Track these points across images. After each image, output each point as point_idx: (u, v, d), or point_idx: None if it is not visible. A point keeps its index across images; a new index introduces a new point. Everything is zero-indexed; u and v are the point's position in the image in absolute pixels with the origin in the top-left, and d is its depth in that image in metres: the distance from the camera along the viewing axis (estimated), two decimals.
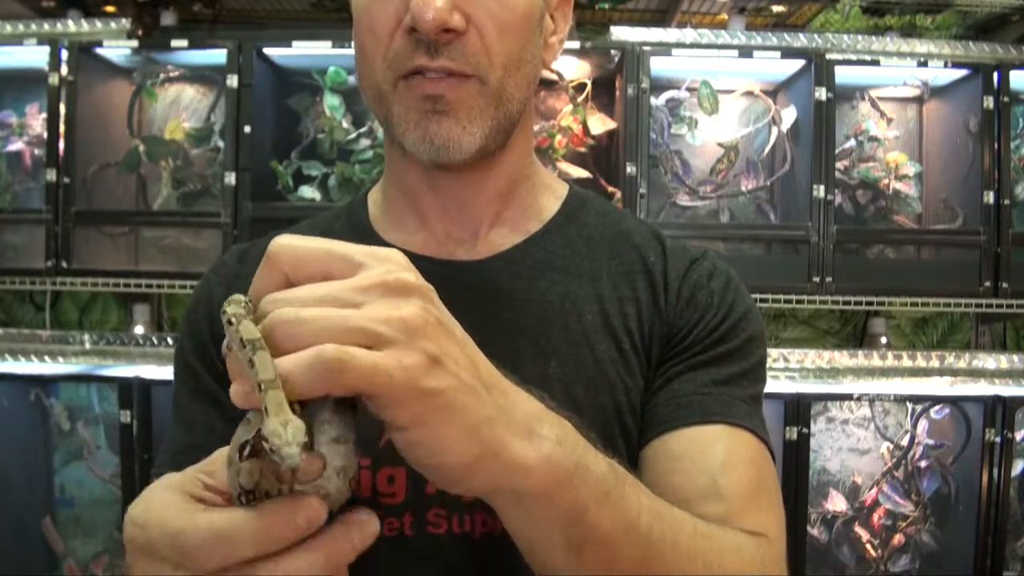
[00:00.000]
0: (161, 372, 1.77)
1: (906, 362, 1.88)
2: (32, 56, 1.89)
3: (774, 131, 1.94)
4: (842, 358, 1.89)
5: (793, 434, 1.69)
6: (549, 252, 0.74)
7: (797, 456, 1.69)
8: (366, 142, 1.88)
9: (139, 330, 2.02)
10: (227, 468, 0.42)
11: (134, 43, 1.89)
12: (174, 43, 1.86)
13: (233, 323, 0.41)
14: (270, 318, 0.42)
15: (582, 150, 1.89)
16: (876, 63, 1.89)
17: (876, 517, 1.81)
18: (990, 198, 1.82)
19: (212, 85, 2.00)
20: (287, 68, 1.93)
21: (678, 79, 1.92)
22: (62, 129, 1.85)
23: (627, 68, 1.82)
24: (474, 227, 0.73)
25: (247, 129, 1.81)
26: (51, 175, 1.85)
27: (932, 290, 1.85)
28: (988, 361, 1.91)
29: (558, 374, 0.68)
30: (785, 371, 1.87)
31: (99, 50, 1.89)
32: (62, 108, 1.85)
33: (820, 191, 1.80)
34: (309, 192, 1.87)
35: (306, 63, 1.89)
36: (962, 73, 1.91)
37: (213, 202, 1.90)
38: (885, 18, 2.04)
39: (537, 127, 1.86)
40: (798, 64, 1.87)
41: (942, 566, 1.80)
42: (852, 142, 1.96)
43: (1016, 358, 1.92)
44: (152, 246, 1.90)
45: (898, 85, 1.99)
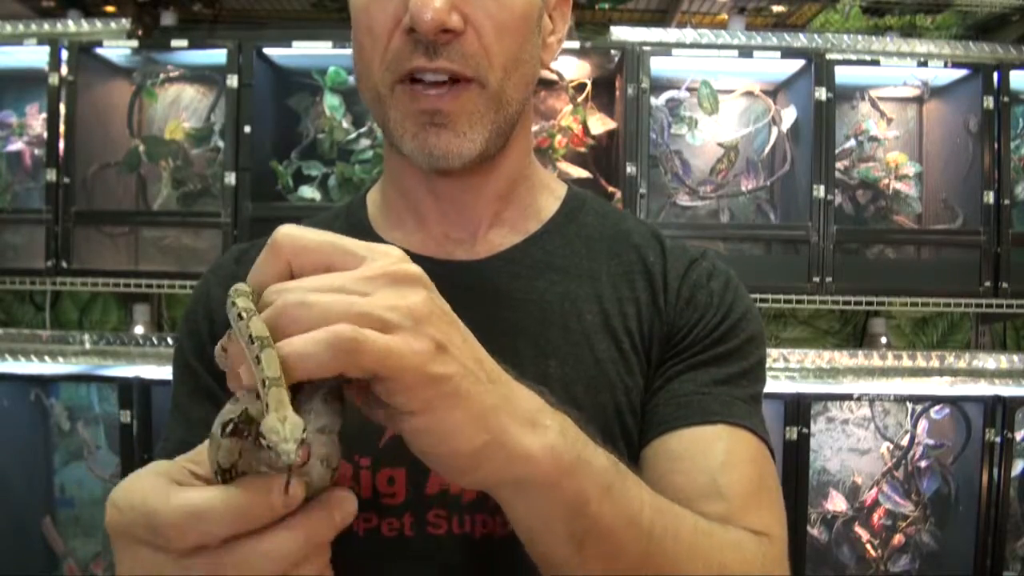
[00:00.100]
0: (161, 372, 1.77)
1: (906, 362, 1.88)
2: (32, 56, 1.89)
3: (774, 131, 1.94)
4: (842, 358, 1.89)
5: (793, 434, 1.69)
6: (548, 252, 0.74)
7: (797, 456, 1.69)
8: (366, 142, 1.88)
9: (139, 330, 2.02)
10: (209, 444, 0.41)
11: (134, 43, 1.89)
12: (174, 43, 1.86)
13: (244, 318, 0.41)
14: (280, 302, 0.42)
15: (582, 150, 1.89)
16: (876, 63, 1.89)
17: (876, 517, 1.81)
18: (990, 198, 1.82)
19: (212, 85, 2.00)
20: (287, 68, 1.94)
21: (678, 79, 1.92)
22: (62, 129, 1.85)
23: (627, 68, 1.82)
24: (473, 228, 0.73)
25: (247, 129, 1.81)
26: (51, 175, 1.85)
27: (932, 290, 1.85)
28: (988, 361, 1.91)
29: (558, 374, 0.68)
30: (785, 371, 1.87)
31: (99, 50, 1.89)
32: (62, 108, 1.85)
33: (820, 191, 1.80)
34: (309, 192, 1.87)
35: (306, 63, 1.89)
36: (962, 73, 1.91)
37: (213, 202, 1.90)
38: (885, 18, 2.04)
39: (537, 127, 1.86)
40: (798, 64, 1.87)
41: (942, 566, 1.80)
42: (852, 142, 1.96)
43: (1016, 358, 1.92)
44: (152, 246, 1.90)
45: (898, 85, 1.99)
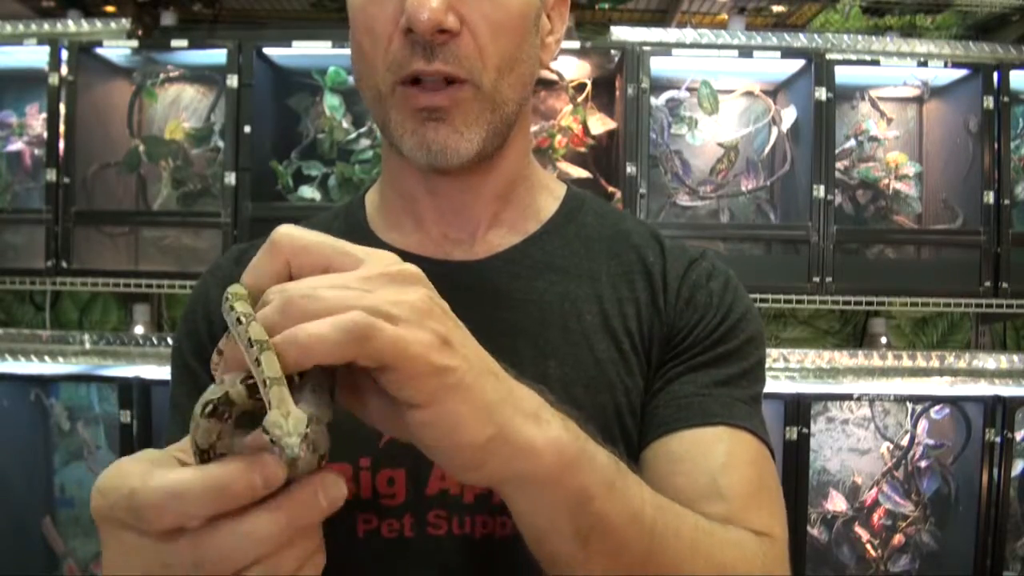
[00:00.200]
0: (161, 372, 1.76)
1: (906, 362, 1.88)
2: (32, 56, 1.89)
3: (774, 131, 1.94)
4: (842, 358, 1.89)
5: (793, 434, 1.68)
6: (548, 252, 0.73)
7: (797, 456, 1.69)
8: (366, 142, 1.88)
9: (139, 330, 2.02)
10: (191, 425, 0.41)
11: (134, 43, 1.89)
12: (174, 43, 1.86)
13: (243, 322, 0.42)
14: (287, 293, 0.42)
15: (582, 150, 1.89)
16: (876, 63, 1.89)
17: (876, 517, 1.81)
18: (990, 198, 1.82)
19: (212, 85, 2.00)
20: (287, 68, 1.93)
21: (678, 79, 1.92)
22: (62, 129, 1.85)
23: (627, 68, 1.82)
24: (472, 229, 0.73)
25: (247, 129, 1.81)
26: (51, 175, 1.85)
27: (932, 290, 1.85)
28: (988, 361, 1.91)
29: (558, 374, 0.68)
30: (785, 371, 1.87)
31: (99, 50, 1.89)
32: (62, 108, 1.85)
33: (820, 191, 1.80)
34: (309, 192, 1.87)
35: (306, 63, 1.89)
36: (962, 73, 1.91)
37: (213, 202, 1.90)
38: (885, 18, 2.04)
39: (537, 127, 1.86)
40: (798, 64, 1.87)
41: (942, 566, 1.80)
42: (852, 142, 1.96)
43: (1016, 358, 1.92)
44: (152, 246, 1.90)
45: (898, 85, 1.99)
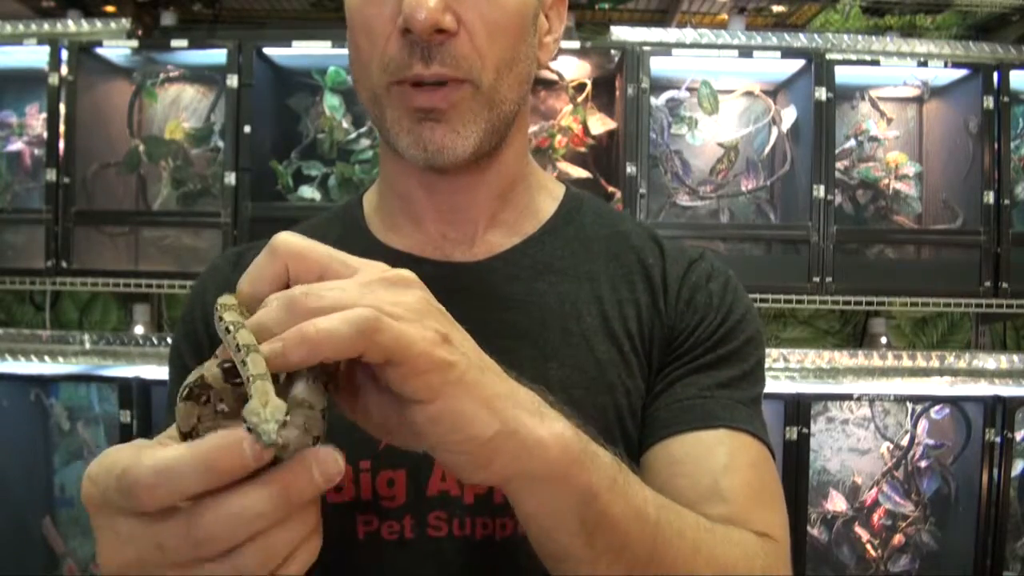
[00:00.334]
0: (161, 372, 1.76)
1: (906, 362, 1.88)
2: (32, 56, 1.89)
3: (774, 131, 1.94)
4: (842, 358, 1.89)
5: (793, 434, 1.68)
6: (547, 253, 0.73)
7: (797, 456, 1.69)
8: (366, 142, 1.88)
9: (139, 330, 2.02)
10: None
11: (134, 43, 1.89)
12: (174, 43, 1.86)
13: (231, 331, 0.43)
14: (290, 293, 0.43)
15: (582, 150, 1.89)
16: (876, 63, 1.89)
17: (876, 517, 1.81)
18: (990, 198, 1.82)
19: (212, 85, 2.00)
20: (287, 68, 1.93)
21: (678, 79, 1.92)
22: (62, 129, 1.85)
23: (627, 68, 1.81)
24: (470, 229, 0.73)
25: (247, 129, 1.81)
26: (51, 175, 1.85)
27: (932, 290, 1.85)
28: (988, 361, 1.91)
29: (558, 376, 0.68)
30: (785, 371, 1.87)
31: (99, 50, 1.89)
32: (62, 108, 1.85)
33: (820, 191, 1.80)
34: (309, 192, 1.87)
35: (306, 63, 1.89)
36: (962, 73, 1.91)
37: (213, 202, 1.90)
38: (885, 18, 2.04)
39: (537, 127, 1.86)
40: (798, 64, 1.87)
41: (942, 566, 1.80)
42: (852, 142, 1.96)
43: (1016, 358, 1.92)
44: (152, 246, 1.90)
45: (898, 85, 1.99)
